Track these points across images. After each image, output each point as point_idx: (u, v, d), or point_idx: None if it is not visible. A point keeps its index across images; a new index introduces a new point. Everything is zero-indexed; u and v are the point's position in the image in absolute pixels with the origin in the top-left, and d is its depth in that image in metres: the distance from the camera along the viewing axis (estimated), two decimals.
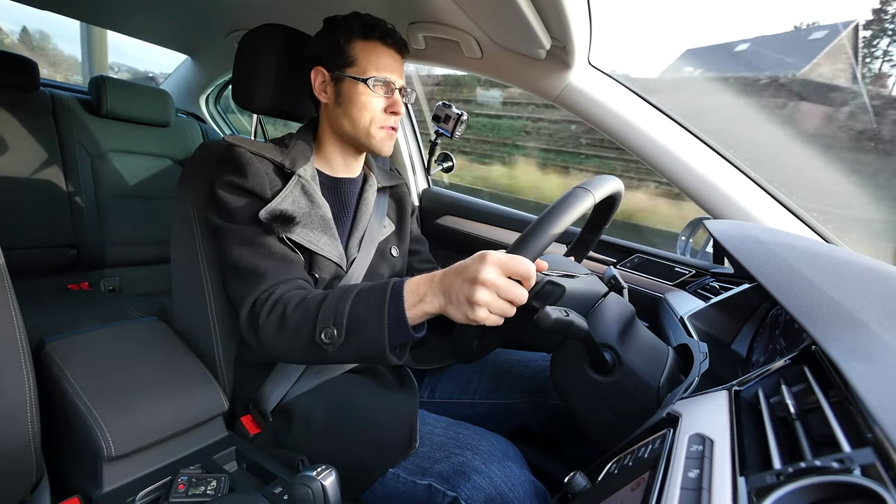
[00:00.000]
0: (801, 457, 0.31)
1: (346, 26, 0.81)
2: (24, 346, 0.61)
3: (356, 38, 0.81)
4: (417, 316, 0.63)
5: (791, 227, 0.95)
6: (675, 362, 0.70)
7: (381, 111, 0.83)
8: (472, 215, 1.51)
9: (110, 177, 1.60)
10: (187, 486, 0.66)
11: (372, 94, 0.81)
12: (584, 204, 0.62)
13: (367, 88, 0.80)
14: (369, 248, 0.89)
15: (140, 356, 0.82)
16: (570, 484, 0.47)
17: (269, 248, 0.75)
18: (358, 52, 0.81)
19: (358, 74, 0.81)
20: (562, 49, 0.96)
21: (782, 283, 0.47)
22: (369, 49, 0.81)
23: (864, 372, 0.32)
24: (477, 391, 0.94)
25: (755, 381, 0.44)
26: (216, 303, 0.88)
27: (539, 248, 0.59)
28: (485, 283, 0.56)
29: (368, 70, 0.81)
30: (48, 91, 1.53)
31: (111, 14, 1.61)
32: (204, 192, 0.81)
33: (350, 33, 0.81)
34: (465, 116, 1.40)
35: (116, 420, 0.68)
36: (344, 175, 0.91)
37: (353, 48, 0.81)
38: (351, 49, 0.81)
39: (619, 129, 1.04)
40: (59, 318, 1.19)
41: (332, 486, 0.54)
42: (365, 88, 0.81)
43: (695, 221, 1.22)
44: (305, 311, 0.67)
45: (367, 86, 0.80)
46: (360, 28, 0.81)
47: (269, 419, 0.81)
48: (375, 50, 0.81)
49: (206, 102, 2.20)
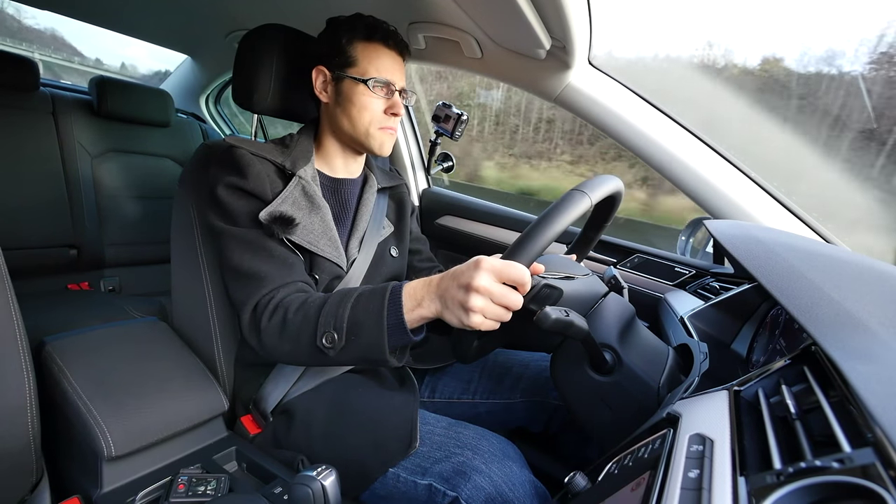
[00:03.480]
0: (801, 457, 0.31)
1: (349, 27, 0.82)
2: (24, 346, 0.61)
3: (358, 39, 0.81)
4: (415, 320, 0.64)
5: (791, 227, 0.95)
6: (675, 362, 0.70)
7: (380, 112, 0.83)
8: (472, 215, 1.51)
9: (110, 177, 1.60)
10: (187, 486, 0.66)
11: (372, 95, 0.81)
12: (580, 207, 0.61)
13: (366, 89, 0.81)
14: (369, 248, 0.89)
15: (140, 356, 0.82)
16: (570, 484, 0.47)
17: (270, 251, 0.75)
18: (359, 52, 0.81)
19: (358, 75, 0.81)
20: (562, 49, 0.96)
21: (782, 283, 0.47)
22: (371, 50, 0.81)
23: (864, 372, 0.32)
24: (477, 391, 0.94)
25: (755, 381, 0.44)
26: (216, 303, 0.88)
27: (534, 253, 0.59)
28: (478, 289, 0.57)
29: (369, 71, 0.81)
30: (48, 91, 1.53)
31: (111, 14, 1.61)
32: (204, 192, 0.81)
33: (352, 34, 0.81)
34: (465, 116, 1.40)
35: (116, 420, 0.68)
36: (344, 176, 0.91)
37: (355, 49, 0.81)
38: (352, 49, 0.81)
39: (619, 129, 1.04)
40: (59, 318, 1.19)
41: (332, 486, 0.54)
42: (365, 89, 0.81)
43: (695, 221, 1.22)
44: (306, 315, 0.68)
45: (367, 87, 0.80)
46: (363, 29, 0.81)
47: (270, 419, 0.81)
48: (377, 51, 0.82)
49: (206, 102, 2.20)
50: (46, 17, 1.60)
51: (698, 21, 2.99)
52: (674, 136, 1.02)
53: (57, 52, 5.03)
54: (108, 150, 1.61)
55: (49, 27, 4.39)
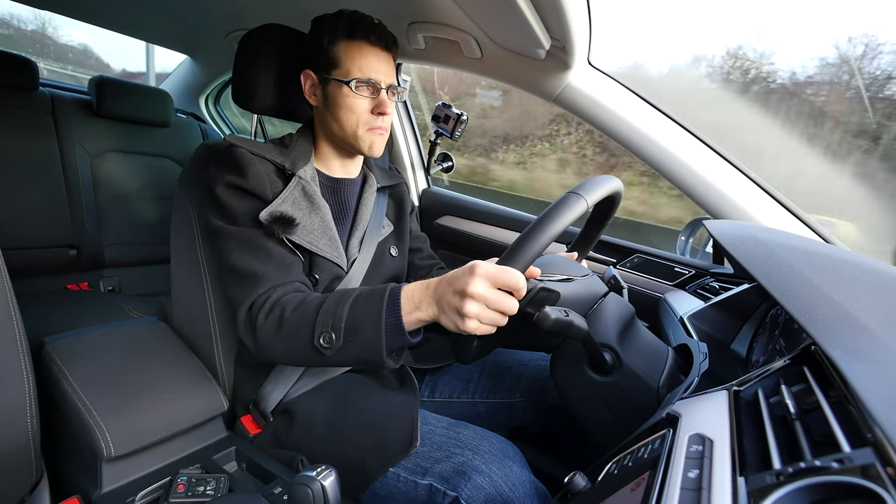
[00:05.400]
0: (800, 457, 0.31)
1: (330, 26, 0.80)
2: (23, 347, 0.61)
3: (340, 39, 0.79)
4: (413, 322, 0.64)
5: (791, 227, 0.95)
6: (675, 362, 0.70)
7: (367, 112, 0.81)
8: (472, 215, 1.51)
9: (110, 177, 1.60)
10: (187, 486, 0.67)
11: (356, 96, 0.79)
12: (576, 210, 0.60)
13: (350, 91, 0.79)
14: (369, 248, 0.89)
15: (140, 356, 0.81)
16: (570, 484, 0.47)
17: (269, 251, 0.75)
18: (342, 52, 0.79)
19: (341, 77, 0.79)
20: (561, 49, 0.96)
21: (782, 283, 0.47)
22: (353, 49, 0.79)
23: (864, 372, 0.32)
24: (477, 391, 0.94)
25: (755, 381, 0.44)
26: (216, 303, 0.88)
27: (529, 257, 0.59)
28: (473, 295, 0.57)
29: (352, 71, 0.79)
30: (48, 91, 1.52)
31: (111, 14, 1.61)
32: (203, 191, 0.81)
33: (334, 33, 0.79)
34: (465, 116, 1.40)
35: (116, 420, 0.68)
36: (343, 176, 0.91)
37: (337, 49, 0.79)
38: (335, 50, 0.79)
39: (618, 129, 1.04)
40: (59, 318, 1.19)
41: (332, 486, 0.54)
42: (349, 91, 0.79)
43: (695, 221, 1.22)
44: (303, 314, 0.68)
45: (351, 88, 0.79)
46: (344, 27, 0.79)
47: (270, 419, 0.81)
48: (360, 49, 0.79)
49: (205, 102, 2.20)
50: (80, 34, 1.62)
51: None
52: (673, 136, 1.02)
53: (85, 67, 5.03)
54: (108, 150, 1.60)
55: (82, 43, 4.44)
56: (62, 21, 1.56)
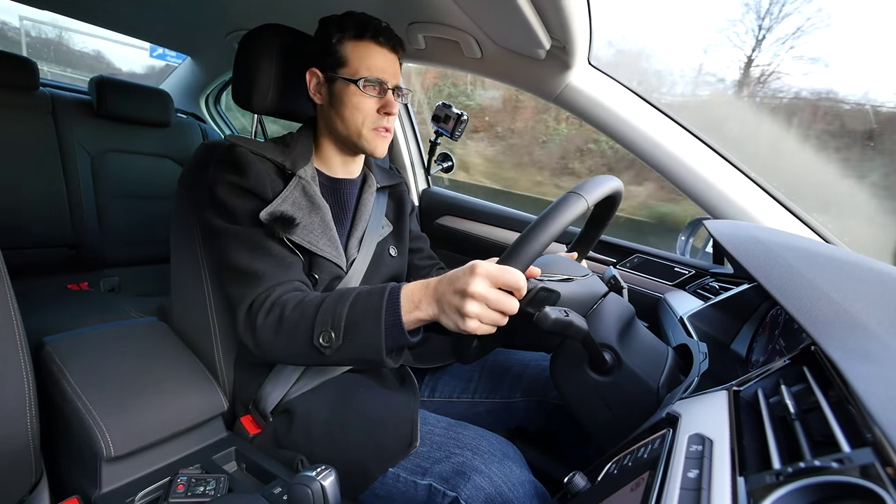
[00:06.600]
0: (800, 457, 0.31)
1: (339, 26, 0.80)
2: (23, 346, 0.61)
3: (348, 38, 0.80)
4: (413, 322, 0.64)
5: (791, 227, 0.95)
6: (675, 362, 0.70)
7: (373, 112, 0.82)
8: (472, 215, 1.51)
9: (110, 177, 1.60)
10: (187, 486, 0.66)
11: (363, 95, 0.80)
12: (576, 210, 0.60)
13: (358, 89, 0.80)
14: (368, 248, 0.89)
15: (140, 356, 0.81)
16: (569, 484, 0.47)
17: (268, 250, 0.75)
18: (350, 52, 0.80)
19: (349, 75, 0.80)
20: (561, 49, 0.96)
21: (782, 283, 0.47)
22: (361, 49, 0.80)
23: (864, 372, 0.32)
24: (477, 390, 0.94)
25: (755, 381, 0.44)
26: (216, 303, 0.88)
27: (529, 257, 0.59)
28: (474, 295, 0.57)
29: (360, 71, 0.80)
30: (48, 91, 1.53)
31: (111, 13, 1.61)
32: (204, 191, 0.81)
33: (342, 33, 0.80)
34: (465, 116, 1.40)
35: (116, 420, 0.68)
36: (343, 176, 0.91)
37: (345, 48, 0.80)
38: (343, 49, 0.80)
39: (618, 129, 1.04)
40: (59, 318, 1.19)
41: (332, 486, 0.54)
42: (356, 89, 0.80)
43: (695, 221, 1.22)
44: (303, 313, 0.68)
45: (358, 87, 0.79)
46: (353, 27, 0.80)
47: (269, 419, 0.81)
48: (368, 50, 0.81)
49: (205, 102, 2.20)
50: (92, 41, 1.63)
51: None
52: (674, 136, 1.02)
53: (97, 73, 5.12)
54: (108, 149, 1.61)
55: (95, 49, 4.50)
56: (77, 26, 1.57)
